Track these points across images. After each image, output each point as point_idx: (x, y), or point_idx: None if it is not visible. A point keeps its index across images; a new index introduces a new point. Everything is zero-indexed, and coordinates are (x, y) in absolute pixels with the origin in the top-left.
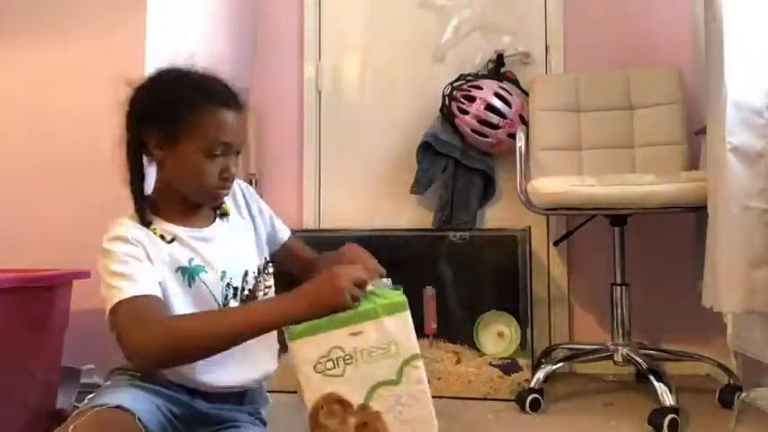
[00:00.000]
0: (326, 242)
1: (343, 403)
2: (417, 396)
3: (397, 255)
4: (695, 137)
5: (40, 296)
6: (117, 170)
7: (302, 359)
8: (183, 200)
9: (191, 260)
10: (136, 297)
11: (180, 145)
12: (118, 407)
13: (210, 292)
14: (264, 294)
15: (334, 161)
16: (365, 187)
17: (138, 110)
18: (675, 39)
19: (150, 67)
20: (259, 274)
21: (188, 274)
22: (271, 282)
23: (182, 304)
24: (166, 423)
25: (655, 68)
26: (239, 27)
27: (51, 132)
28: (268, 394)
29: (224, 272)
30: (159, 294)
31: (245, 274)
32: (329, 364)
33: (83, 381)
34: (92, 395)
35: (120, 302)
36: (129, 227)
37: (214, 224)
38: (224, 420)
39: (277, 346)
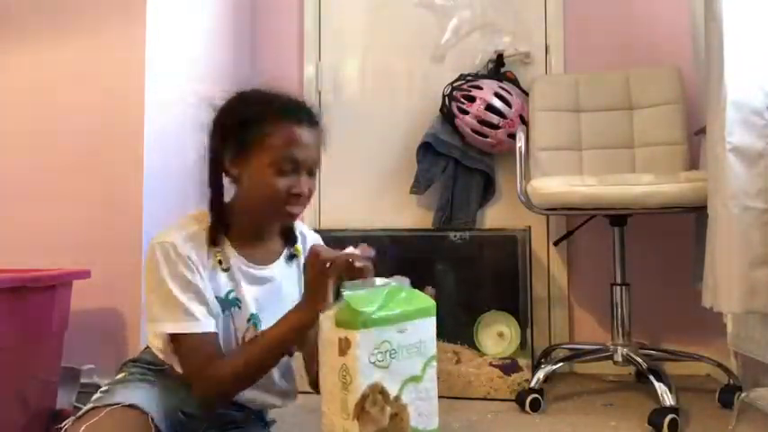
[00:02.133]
0: (326, 242)
1: (384, 393)
2: (431, 392)
3: (397, 255)
4: (695, 137)
5: (40, 296)
6: (121, 171)
7: (360, 348)
8: (256, 223)
9: (229, 292)
10: (204, 334)
11: (251, 160)
12: (131, 406)
13: (235, 328)
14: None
15: (333, 161)
16: (365, 187)
17: (216, 129)
18: (675, 39)
19: (150, 68)
20: None
21: (223, 304)
22: None
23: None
24: (177, 424)
25: (655, 68)
26: (239, 27)
27: (51, 133)
28: None
29: (255, 315)
30: (215, 327)
31: None
32: (380, 357)
33: (83, 381)
34: (104, 388)
35: (189, 336)
36: (189, 244)
37: (274, 264)
38: (234, 421)
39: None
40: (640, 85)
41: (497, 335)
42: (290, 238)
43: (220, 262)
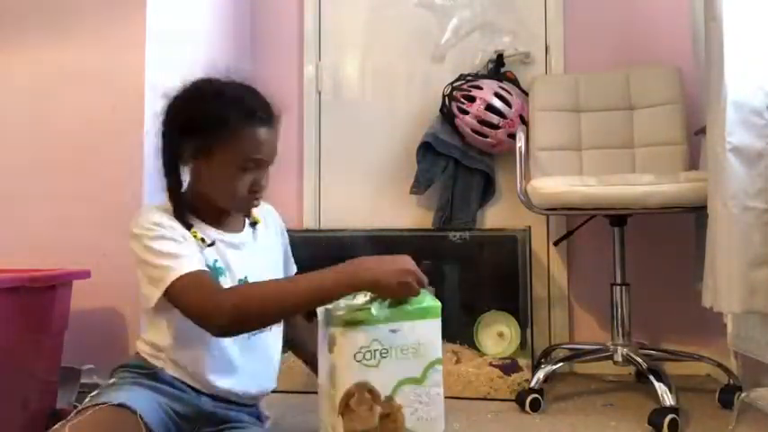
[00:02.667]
0: (326, 242)
1: (373, 393)
2: (434, 397)
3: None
4: (695, 137)
5: (40, 296)
6: (121, 171)
7: (345, 346)
8: (216, 207)
9: (215, 261)
10: (194, 272)
11: (214, 158)
12: (119, 405)
13: None
14: None
15: (334, 161)
16: (365, 187)
17: (176, 121)
18: (675, 39)
19: (150, 68)
20: None
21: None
22: None
23: None
24: (169, 421)
25: (655, 68)
26: (239, 27)
27: (51, 133)
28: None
29: (242, 280)
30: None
31: None
32: (368, 355)
33: (83, 381)
34: (94, 393)
35: (180, 277)
36: (165, 216)
37: (244, 232)
38: (228, 420)
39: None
40: (640, 85)
41: (497, 335)
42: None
43: (203, 240)
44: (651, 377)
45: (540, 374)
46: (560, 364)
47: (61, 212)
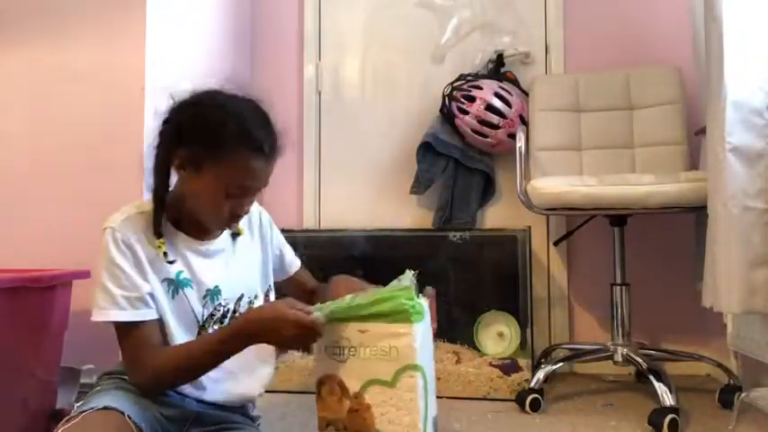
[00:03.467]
0: (326, 242)
1: (342, 386)
2: (407, 403)
3: (397, 255)
4: (695, 137)
5: (40, 296)
6: (120, 171)
7: (321, 339)
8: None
9: (179, 273)
10: (140, 323)
11: (203, 173)
12: (105, 408)
13: (192, 308)
14: None
15: (334, 161)
16: (365, 187)
17: (174, 126)
18: (675, 39)
19: (150, 68)
20: (255, 299)
21: (173, 287)
22: None
23: (167, 312)
24: (156, 423)
25: (655, 68)
26: (239, 27)
27: (51, 133)
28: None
29: (212, 290)
30: (151, 316)
31: (240, 297)
32: (336, 350)
33: (83, 381)
34: (80, 402)
35: (121, 324)
36: (130, 228)
37: (219, 239)
38: (219, 421)
39: (269, 370)
40: (640, 85)
41: (497, 335)
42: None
43: (165, 254)
44: (651, 377)
45: (540, 374)
46: (560, 364)
47: (61, 212)
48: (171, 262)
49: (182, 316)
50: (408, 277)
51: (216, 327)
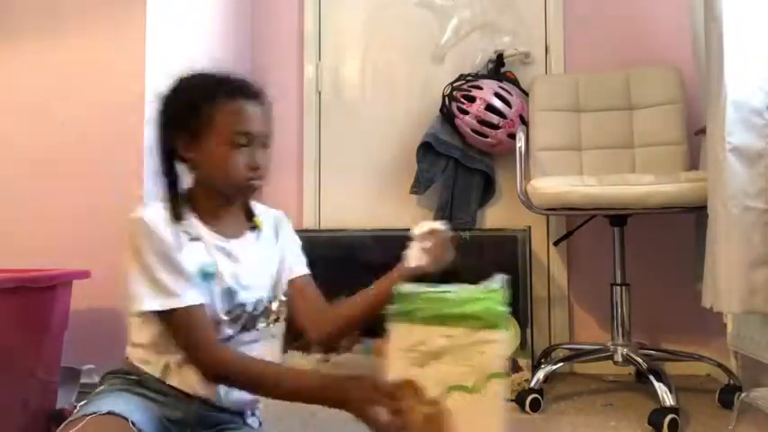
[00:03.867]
0: (326, 242)
1: (419, 392)
2: (492, 410)
3: (398, 255)
4: (695, 137)
5: (40, 296)
6: (120, 171)
7: (395, 340)
8: (218, 200)
9: (204, 265)
10: (195, 308)
11: (204, 141)
12: (109, 413)
13: (213, 301)
14: (275, 322)
15: (334, 161)
16: (365, 187)
17: (163, 118)
18: (675, 39)
19: (150, 68)
20: (274, 301)
21: (201, 277)
22: (283, 311)
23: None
24: (160, 426)
25: (655, 68)
26: (239, 27)
27: (51, 133)
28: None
29: (230, 289)
30: (202, 299)
31: (259, 301)
32: (416, 354)
33: (83, 381)
34: (83, 402)
35: (181, 310)
36: (163, 219)
37: (242, 238)
38: (221, 422)
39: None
40: (640, 85)
41: None
42: (247, 214)
43: (188, 233)
44: (651, 377)
45: (540, 374)
46: (560, 364)
47: (61, 212)
48: (195, 239)
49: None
50: (499, 280)
51: (230, 324)
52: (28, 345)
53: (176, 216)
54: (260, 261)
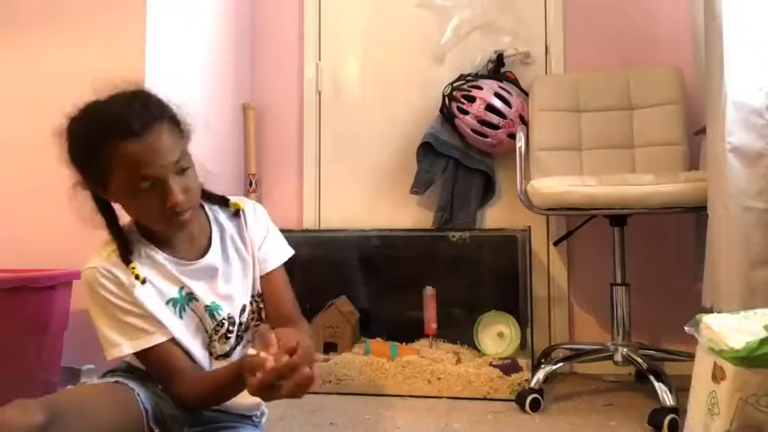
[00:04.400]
0: (326, 242)
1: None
2: None
3: (397, 255)
4: (695, 137)
5: (40, 296)
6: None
7: (734, 384)
8: (159, 233)
9: (180, 289)
10: (160, 345)
11: (109, 189)
12: (116, 382)
13: (201, 320)
14: (256, 325)
15: (334, 161)
16: (365, 187)
17: (68, 157)
18: (675, 39)
19: (150, 67)
20: (254, 303)
21: (179, 305)
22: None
23: (178, 330)
24: (159, 414)
25: (655, 68)
26: (239, 27)
27: (51, 133)
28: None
29: (211, 306)
30: (162, 338)
31: (243, 308)
32: (763, 401)
33: (83, 381)
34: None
35: (148, 351)
36: (113, 265)
37: (209, 255)
38: (216, 420)
39: None
40: (640, 85)
41: (497, 335)
42: (221, 203)
43: (137, 277)
44: (651, 377)
45: (540, 374)
46: (560, 364)
47: (61, 212)
48: (143, 282)
49: (193, 331)
50: None
51: (221, 340)
52: (28, 345)
53: (125, 259)
54: (238, 271)
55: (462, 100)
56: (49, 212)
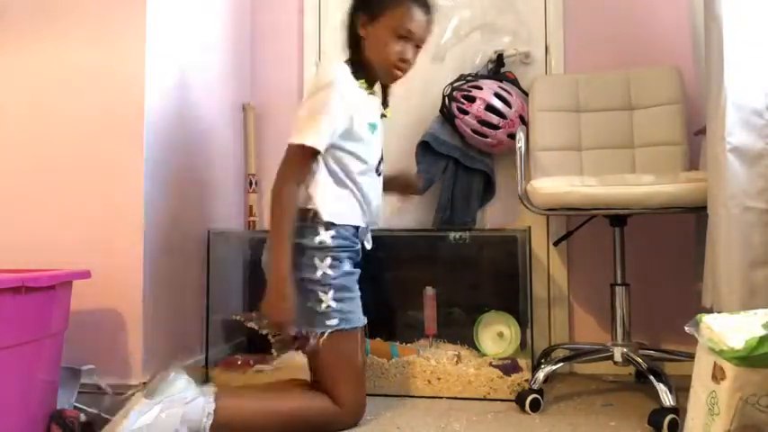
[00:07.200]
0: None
1: None
2: None
3: (398, 255)
4: (695, 137)
5: (40, 296)
6: (120, 172)
7: (740, 384)
8: (371, 75)
9: (375, 118)
10: (310, 149)
11: (377, 24)
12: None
13: (373, 148)
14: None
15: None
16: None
17: (355, 3)
18: (675, 39)
19: (150, 68)
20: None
21: (371, 127)
22: None
23: (364, 147)
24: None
25: (655, 68)
26: (239, 27)
27: (51, 132)
28: None
29: (378, 143)
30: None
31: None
32: (763, 401)
33: (83, 381)
34: (334, 304)
35: (300, 146)
36: (347, 79)
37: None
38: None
39: None
40: (640, 85)
41: (497, 335)
42: (384, 100)
43: (373, 93)
44: (651, 377)
45: (540, 375)
46: (560, 364)
47: (61, 212)
48: (372, 93)
49: (371, 154)
50: None
51: (376, 172)
52: (28, 345)
53: (355, 76)
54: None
55: (462, 100)
56: (49, 212)
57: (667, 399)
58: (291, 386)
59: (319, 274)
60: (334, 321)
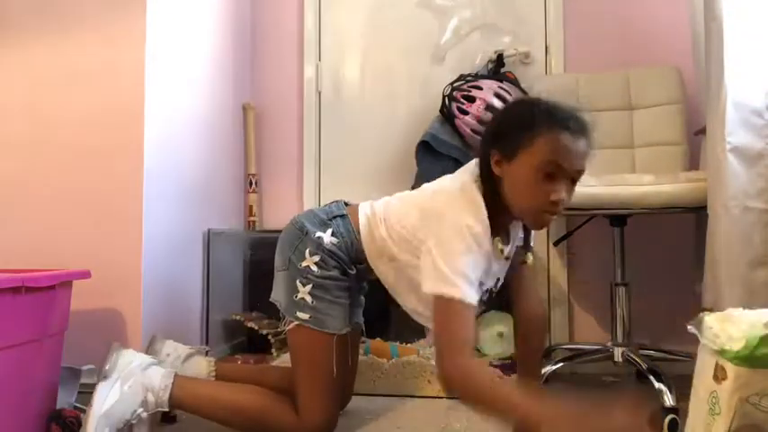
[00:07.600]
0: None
1: None
2: None
3: None
4: (695, 137)
5: (40, 296)
6: (121, 172)
7: (736, 384)
8: (507, 217)
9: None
10: (466, 304)
11: (516, 160)
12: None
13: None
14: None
15: (334, 161)
16: (365, 187)
17: (489, 129)
18: (675, 39)
19: (150, 68)
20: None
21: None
22: None
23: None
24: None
25: (655, 68)
26: (239, 27)
27: (51, 133)
28: None
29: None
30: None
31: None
32: (765, 401)
33: (83, 381)
34: (310, 304)
35: (455, 300)
36: (482, 228)
37: (509, 245)
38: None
39: None
40: (640, 85)
41: (497, 335)
42: (525, 245)
43: (502, 251)
44: (651, 377)
45: None
46: (560, 364)
47: (61, 213)
48: (506, 258)
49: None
50: None
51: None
52: (28, 345)
53: (493, 232)
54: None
55: (462, 100)
56: (49, 212)
57: (667, 399)
58: (264, 384)
59: (303, 264)
60: (304, 315)
